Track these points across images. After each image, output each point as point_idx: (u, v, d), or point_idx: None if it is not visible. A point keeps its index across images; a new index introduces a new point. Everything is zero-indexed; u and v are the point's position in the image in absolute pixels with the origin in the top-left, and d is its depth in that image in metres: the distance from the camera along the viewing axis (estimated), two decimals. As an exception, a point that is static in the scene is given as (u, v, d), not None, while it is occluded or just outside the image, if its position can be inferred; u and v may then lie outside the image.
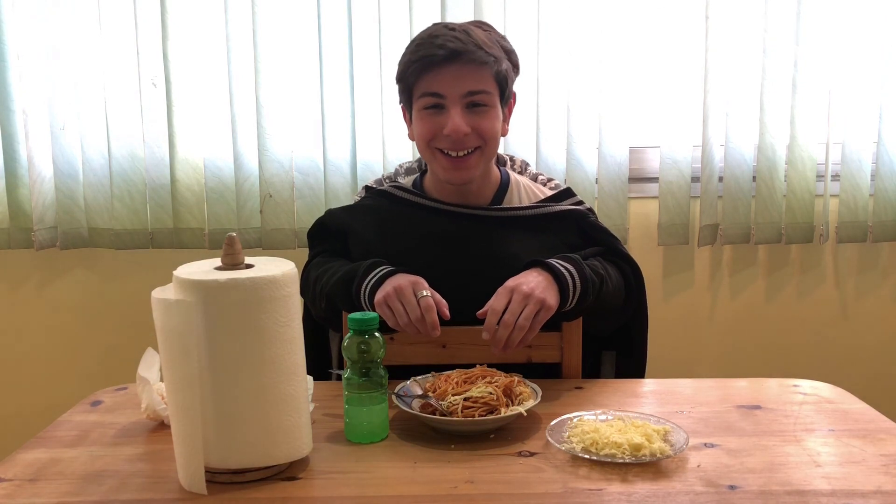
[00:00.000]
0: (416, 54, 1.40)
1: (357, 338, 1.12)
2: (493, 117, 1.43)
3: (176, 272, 1.00)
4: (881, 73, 2.11)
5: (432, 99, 1.41)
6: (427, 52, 1.39)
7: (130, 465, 1.07)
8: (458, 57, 1.37)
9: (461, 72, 1.38)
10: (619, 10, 2.07)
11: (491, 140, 1.44)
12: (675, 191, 2.14)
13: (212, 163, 2.14)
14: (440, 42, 1.38)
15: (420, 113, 1.43)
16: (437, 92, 1.40)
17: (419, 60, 1.39)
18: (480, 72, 1.39)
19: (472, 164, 1.44)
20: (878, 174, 2.16)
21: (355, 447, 1.12)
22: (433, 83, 1.40)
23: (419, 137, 1.45)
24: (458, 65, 1.38)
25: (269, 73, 2.08)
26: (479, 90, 1.40)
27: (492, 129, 1.43)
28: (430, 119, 1.42)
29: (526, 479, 1.01)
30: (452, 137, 1.40)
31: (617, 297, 1.45)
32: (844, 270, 2.27)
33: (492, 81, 1.41)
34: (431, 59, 1.38)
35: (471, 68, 1.39)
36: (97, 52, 2.10)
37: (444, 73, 1.39)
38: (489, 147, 1.44)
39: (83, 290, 2.27)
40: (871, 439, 1.11)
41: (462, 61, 1.38)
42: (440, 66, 1.38)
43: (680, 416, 1.20)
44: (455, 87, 1.39)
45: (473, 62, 1.38)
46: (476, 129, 1.41)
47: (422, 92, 1.41)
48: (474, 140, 1.42)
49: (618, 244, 1.52)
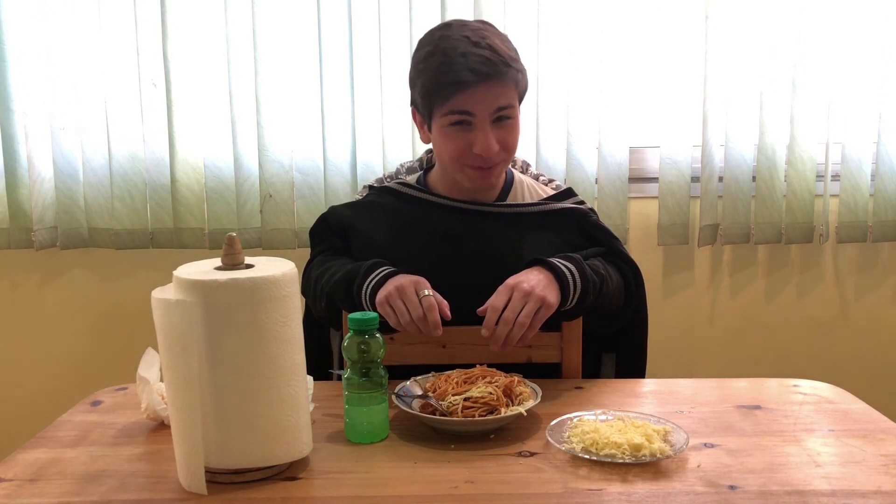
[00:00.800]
0: (446, 76, 1.35)
1: (357, 338, 1.12)
2: (516, 128, 1.43)
3: (176, 272, 1.00)
4: (881, 73, 2.12)
5: (460, 116, 1.38)
6: (457, 76, 1.34)
7: (130, 465, 1.07)
8: (489, 78, 1.35)
9: (490, 90, 1.36)
10: (619, 11, 2.08)
11: (514, 151, 1.45)
12: (675, 191, 2.14)
13: (212, 163, 2.14)
14: (470, 65, 1.34)
15: (445, 129, 1.41)
16: (467, 110, 1.37)
17: (451, 84, 1.35)
18: (507, 87, 1.38)
19: (497, 172, 1.46)
20: (878, 174, 2.16)
21: (355, 447, 1.12)
22: (463, 103, 1.37)
23: (446, 154, 1.43)
24: (487, 84, 1.35)
25: (269, 73, 2.08)
26: (507, 105, 1.39)
27: (516, 142, 1.44)
28: (458, 136, 1.40)
29: (526, 479, 1.01)
30: (484, 156, 1.39)
31: (617, 297, 1.45)
32: (844, 270, 2.27)
33: (514, 93, 1.41)
34: (462, 83, 1.34)
35: (499, 85, 1.37)
36: (97, 52, 2.10)
37: (474, 93, 1.36)
38: (511, 157, 1.46)
39: (83, 290, 2.27)
40: (871, 439, 1.11)
41: (491, 81, 1.36)
42: (470, 86, 1.35)
43: (680, 416, 1.20)
44: (486, 106, 1.37)
45: (502, 79, 1.36)
46: (502, 144, 1.41)
47: (449, 109, 1.38)
48: (501, 154, 1.42)
49: (618, 245, 1.52)
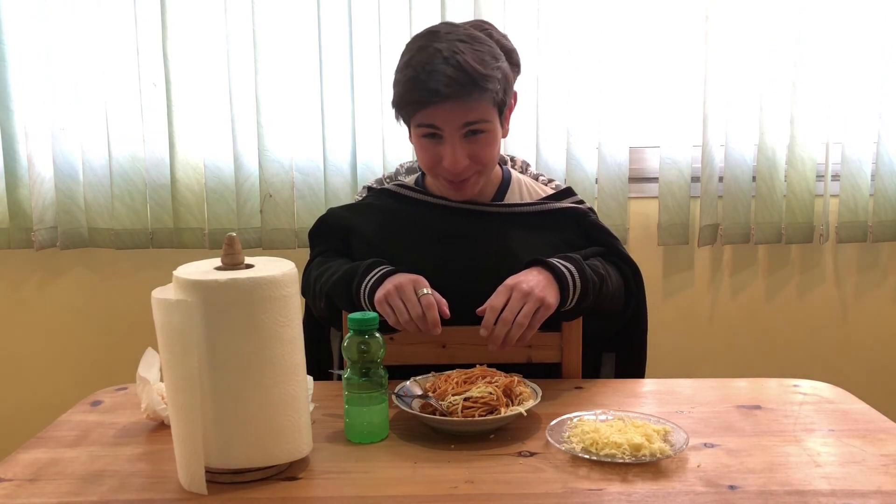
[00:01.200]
0: (410, 93, 1.36)
1: (357, 338, 1.12)
2: (491, 142, 1.41)
3: (176, 272, 1.00)
4: (881, 72, 2.11)
5: (429, 129, 1.39)
6: (421, 94, 1.34)
7: (130, 465, 1.07)
8: (455, 96, 1.34)
9: (456, 107, 1.35)
10: (619, 11, 2.07)
11: (489, 164, 1.44)
12: (675, 191, 2.14)
13: (212, 163, 2.14)
14: (432, 85, 1.32)
15: (419, 141, 1.42)
16: (433, 124, 1.38)
17: (414, 102, 1.36)
18: (477, 102, 1.36)
19: (472, 184, 1.45)
20: (878, 174, 2.16)
21: (355, 447, 1.11)
22: (430, 117, 1.37)
23: (421, 163, 1.45)
24: (454, 101, 1.34)
25: (269, 74, 2.08)
26: (477, 120, 1.37)
27: (490, 156, 1.42)
28: (429, 148, 1.41)
29: (526, 479, 1.00)
30: (451, 171, 1.40)
31: (617, 297, 1.45)
32: (844, 270, 2.27)
33: (489, 108, 1.38)
34: (426, 102, 1.35)
35: (467, 101, 1.35)
36: (97, 52, 2.10)
37: (438, 110, 1.35)
38: (488, 169, 1.45)
39: (83, 290, 2.27)
40: (871, 439, 1.11)
41: (456, 99, 1.34)
42: (434, 104, 1.35)
43: (680, 416, 1.20)
44: (452, 121, 1.36)
45: (466, 98, 1.34)
46: (474, 158, 1.40)
47: (419, 122, 1.39)
48: (473, 167, 1.41)
49: (618, 244, 1.52)
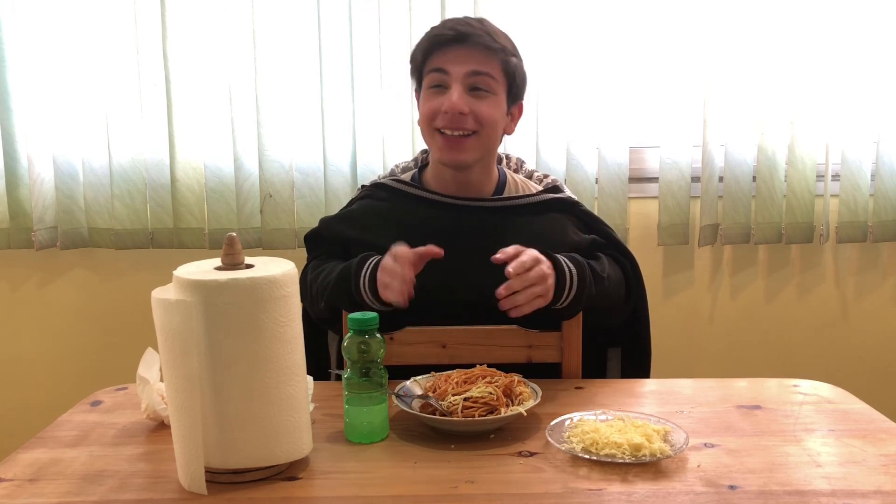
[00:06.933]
0: (429, 40, 1.45)
1: (357, 338, 1.12)
2: (494, 104, 1.44)
3: (176, 272, 1.00)
4: (881, 72, 2.11)
5: (437, 76, 1.43)
6: (437, 32, 1.44)
7: (130, 465, 1.07)
8: (465, 39, 1.41)
9: (467, 52, 1.42)
10: (620, 11, 2.08)
11: (488, 126, 1.44)
12: (675, 191, 2.14)
13: (212, 163, 2.14)
14: (451, 25, 1.44)
15: (426, 93, 1.47)
16: (442, 68, 1.42)
17: (429, 40, 1.45)
18: (487, 56, 1.42)
19: (468, 146, 1.44)
20: (878, 174, 2.16)
21: (355, 447, 1.12)
22: (439, 60, 1.43)
23: (422, 117, 1.47)
24: (466, 46, 1.41)
25: (269, 74, 2.08)
26: (483, 72, 1.42)
27: (490, 116, 1.43)
28: (433, 98, 1.45)
29: (526, 479, 1.01)
30: (450, 114, 1.41)
31: (616, 297, 1.46)
32: (844, 270, 2.27)
33: (498, 68, 1.43)
34: (440, 38, 1.43)
35: (477, 50, 1.42)
36: (97, 52, 2.10)
37: (450, 52, 1.42)
38: (485, 132, 1.44)
39: (83, 290, 2.27)
40: (871, 439, 1.11)
41: (469, 43, 1.41)
42: (448, 45, 1.42)
43: (680, 416, 1.20)
44: (459, 65, 1.41)
45: (480, 45, 1.41)
46: (474, 112, 1.42)
47: (429, 69, 1.45)
48: (471, 123, 1.42)
49: (613, 233, 1.55)
